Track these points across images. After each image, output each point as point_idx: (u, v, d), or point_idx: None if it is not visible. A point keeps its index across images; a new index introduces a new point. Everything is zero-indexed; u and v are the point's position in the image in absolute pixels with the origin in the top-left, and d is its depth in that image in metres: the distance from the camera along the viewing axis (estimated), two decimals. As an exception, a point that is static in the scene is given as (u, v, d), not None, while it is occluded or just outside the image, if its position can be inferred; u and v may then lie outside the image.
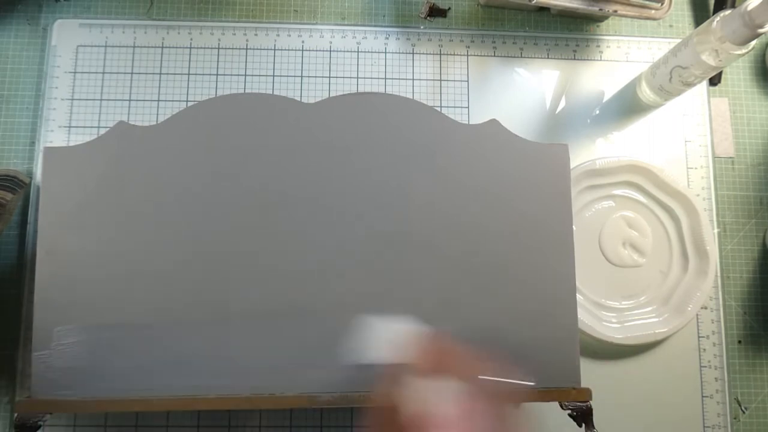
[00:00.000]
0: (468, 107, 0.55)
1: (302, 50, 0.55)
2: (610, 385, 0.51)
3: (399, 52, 0.55)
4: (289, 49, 0.55)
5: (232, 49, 0.55)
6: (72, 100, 0.53)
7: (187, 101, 0.53)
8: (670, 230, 0.54)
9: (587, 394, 0.42)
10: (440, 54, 0.56)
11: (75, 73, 0.53)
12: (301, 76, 0.55)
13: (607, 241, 0.53)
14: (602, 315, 0.51)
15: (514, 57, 0.56)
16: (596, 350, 0.51)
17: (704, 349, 0.52)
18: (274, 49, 0.55)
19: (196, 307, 0.42)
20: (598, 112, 0.56)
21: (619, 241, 0.53)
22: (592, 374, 0.50)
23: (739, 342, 0.53)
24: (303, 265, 0.43)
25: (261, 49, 0.55)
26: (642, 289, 0.53)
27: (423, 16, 0.56)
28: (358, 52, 0.55)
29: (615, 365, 0.52)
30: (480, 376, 0.33)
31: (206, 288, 0.43)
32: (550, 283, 0.44)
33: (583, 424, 0.42)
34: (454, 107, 0.55)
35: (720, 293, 0.53)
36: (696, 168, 0.55)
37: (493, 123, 0.46)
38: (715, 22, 0.45)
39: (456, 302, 0.43)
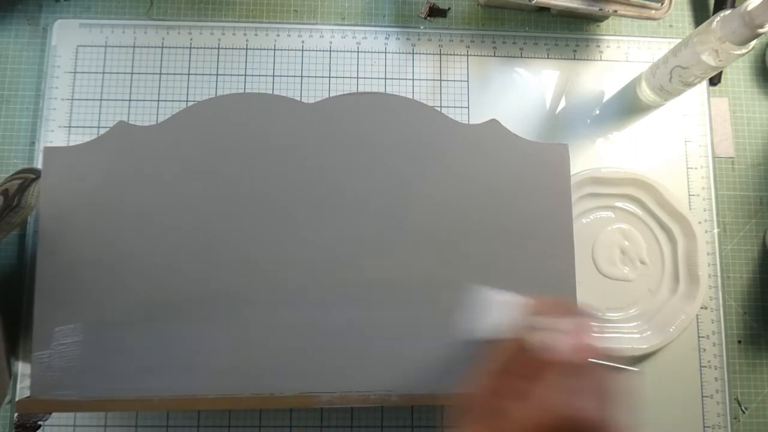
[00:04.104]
0: (468, 107, 0.55)
1: (302, 50, 0.55)
2: (610, 385, 0.51)
3: (399, 52, 0.55)
4: (289, 49, 0.55)
5: (232, 49, 0.54)
6: (72, 100, 0.53)
7: (187, 101, 0.53)
8: (665, 250, 0.53)
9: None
10: (440, 54, 0.56)
11: (75, 73, 0.53)
12: (301, 76, 0.55)
13: (600, 251, 0.53)
14: None
15: (514, 57, 0.56)
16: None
17: (704, 349, 0.53)
18: (274, 49, 0.55)
19: (196, 307, 0.42)
20: (598, 112, 0.56)
21: (612, 253, 0.53)
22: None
23: (739, 342, 0.53)
24: (303, 265, 0.43)
25: (261, 49, 0.55)
26: (628, 304, 0.52)
27: (423, 16, 0.56)
28: (358, 52, 0.55)
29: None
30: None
31: (206, 288, 0.43)
32: (550, 283, 0.44)
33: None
34: (454, 107, 0.55)
35: (720, 293, 0.53)
36: (696, 168, 0.55)
37: (493, 123, 0.46)
38: (715, 22, 0.45)
39: (455, 301, 0.43)
